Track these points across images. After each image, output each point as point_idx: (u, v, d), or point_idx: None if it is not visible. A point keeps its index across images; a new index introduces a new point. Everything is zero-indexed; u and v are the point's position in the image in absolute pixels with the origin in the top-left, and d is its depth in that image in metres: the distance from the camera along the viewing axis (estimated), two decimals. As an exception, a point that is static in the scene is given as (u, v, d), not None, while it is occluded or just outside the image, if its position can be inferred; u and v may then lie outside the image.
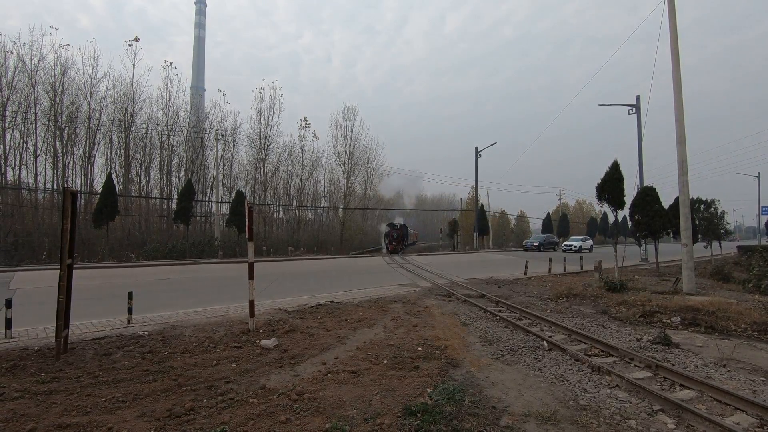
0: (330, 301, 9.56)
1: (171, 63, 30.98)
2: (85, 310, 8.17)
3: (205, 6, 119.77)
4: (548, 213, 55.35)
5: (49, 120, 24.94)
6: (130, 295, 7.34)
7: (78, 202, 24.22)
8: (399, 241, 33.95)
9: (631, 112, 23.56)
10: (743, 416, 3.95)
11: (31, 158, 24.77)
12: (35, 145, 24.90)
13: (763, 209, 50.05)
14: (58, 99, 25.17)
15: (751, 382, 4.91)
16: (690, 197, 12.42)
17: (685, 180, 11.56)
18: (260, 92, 33.89)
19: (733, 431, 3.50)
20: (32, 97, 24.53)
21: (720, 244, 24.75)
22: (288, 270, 17.88)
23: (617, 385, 4.71)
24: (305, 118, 37.28)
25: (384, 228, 37.28)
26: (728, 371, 5.27)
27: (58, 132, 25.25)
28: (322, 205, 39.29)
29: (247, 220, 7.00)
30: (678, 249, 12.73)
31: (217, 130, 31.23)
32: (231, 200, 28.54)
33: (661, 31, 11.91)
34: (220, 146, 31.04)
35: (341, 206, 36.99)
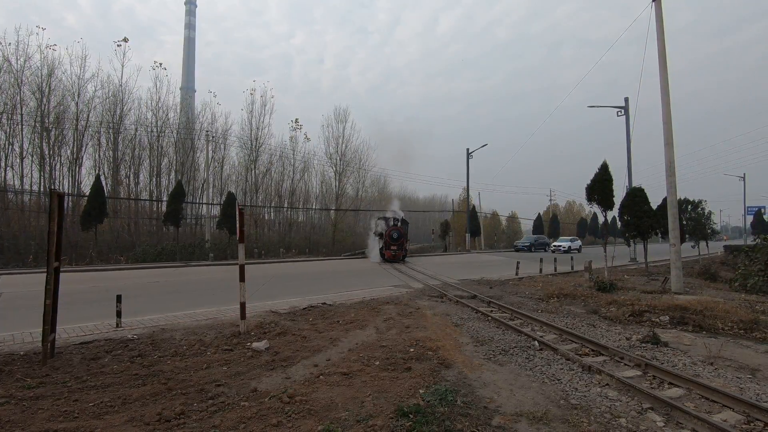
0: (322, 303, 9.52)
1: (161, 64, 30.52)
2: (73, 314, 8.04)
3: (195, 6, 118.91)
4: (539, 214, 55.81)
5: (35, 121, 24.55)
6: (118, 299, 7.24)
7: (65, 204, 23.86)
8: (401, 243, 22.99)
9: (619, 113, 23.86)
10: (730, 413, 4.01)
11: (17, 160, 24.39)
12: (21, 147, 24.51)
13: (749, 209, 51.02)
14: (44, 100, 24.79)
15: (738, 379, 4.98)
16: (678, 198, 12.61)
17: (673, 181, 11.73)
18: (251, 93, 33.71)
19: (721, 428, 3.55)
20: (18, 97, 24.15)
21: (707, 243, 25.17)
22: (280, 272, 17.79)
23: (607, 384, 4.75)
24: (297, 119, 37.16)
25: (377, 224, 26.26)
26: (716, 369, 5.35)
27: (44, 133, 24.85)
28: (313, 207, 39.17)
29: (237, 221, 6.96)
30: (666, 249, 12.91)
31: (207, 131, 30.98)
32: (222, 202, 28.33)
33: (648, 34, 12.07)
34: (210, 148, 30.80)
35: (333, 208, 36.84)
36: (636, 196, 16.78)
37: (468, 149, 37.66)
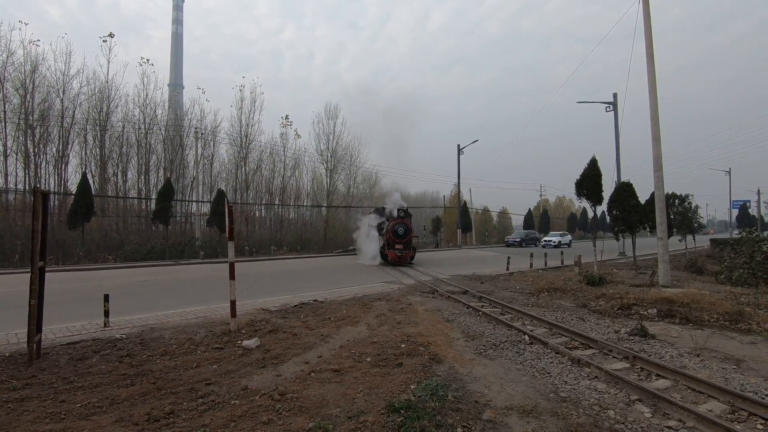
0: (313, 300, 9.50)
1: (148, 60, 30.01)
2: (60, 314, 7.93)
3: (183, 1, 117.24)
4: (530, 209, 56.17)
5: (19, 118, 24.06)
6: (106, 298, 7.15)
7: (51, 203, 23.53)
8: (407, 240, 18.80)
9: (608, 109, 24.06)
10: (716, 403, 4.09)
11: (1, 158, 23.87)
12: (5, 145, 23.98)
13: (734, 203, 51.91)
14: (28, 96, 24.26)
15: (723, 370, 5.07)
16: (665, 192, 12.76)
17: (660, 176, 11.85)
18: (241, 89, 33.32)
19: (706, 418, 3.61)
20: (1, 94, 23.62)
21: (694, 237, 25.53)
22: (271, 269, 17.70)
23: (596, 377, 4.81)
24: (287, 116, 36.81)
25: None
26: (702, 360, 5.44)
27: (29, 131, 24.37)
28: (305, 204, 38.98)
29: (227, 219, 6.89)
30: (654, 243, 13.07)
31: (196, 128, 30.66)
32: (212, 200, 28.06)
33: (636, 30, 12.15)
34: (199, 145, 30.49)
35: (324, 205, 36.70)
36: (624, 190, 16.95)
37: (459, 145, 37.78)
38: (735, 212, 54.00)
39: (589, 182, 14.43)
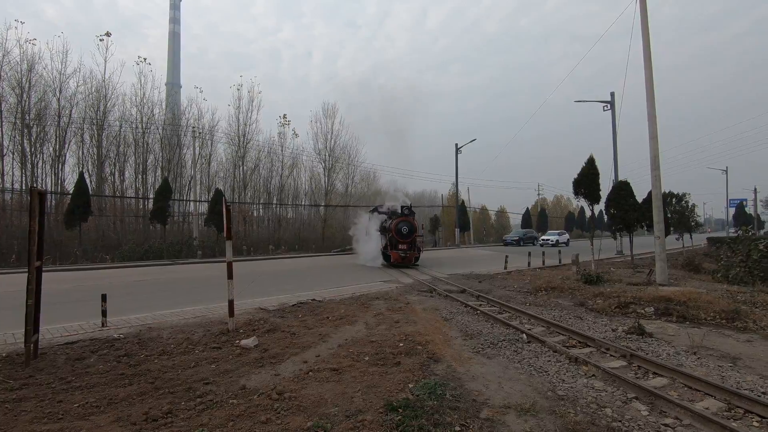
0: (311, 299, 9.50)
1: (145, 59, 29.95)
2: (57, 314, 7.90)
3: None
4: (527, 208, 56.24)
5: (15, 117, 23.99)
6: (103, 298, 7.13)
7: (48, 203, 23.44)
8: (412, 240, 17.68)
9: (606, 108, 24.12)
10: (712, 401, 4.10)
11: (-3, 157, 23.82)
12: (1, 144, 23.92)
13: (731, 202, 52.14)
14: (25, 96, 24.24)
15: (720, 368, 5.09)
16: (662, 191, 12.79)
17: (658, 174, 11.88)
18: (238, 88, 33.28)
19: (703, 416, 3.62)
20: (-3, 93, 23.55)
21: (691, 236, 25.66)
22: (269, 269, 17.69)
23: (594, 375, 4.82)
24: (284, 115, 36.78)
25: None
26: (698, 358, 5.47)
27: (26, 130, 24.30)
28: (303, 203, 38.94)
29: (224, 218, 6.88)
30: (651, 241, 13.11)
31: (194, 127, 30.56)
32: (209, 199, 28.03)
33: (633, 29, 12.17)
34: (197, 144, 30.41)
35: (322, 204, 36.68)
36: (622, 189, 16.98)
37: (456, 144, 37.87)
38: (732, 211, 54.19)
39: (586, 181, 14.47)
